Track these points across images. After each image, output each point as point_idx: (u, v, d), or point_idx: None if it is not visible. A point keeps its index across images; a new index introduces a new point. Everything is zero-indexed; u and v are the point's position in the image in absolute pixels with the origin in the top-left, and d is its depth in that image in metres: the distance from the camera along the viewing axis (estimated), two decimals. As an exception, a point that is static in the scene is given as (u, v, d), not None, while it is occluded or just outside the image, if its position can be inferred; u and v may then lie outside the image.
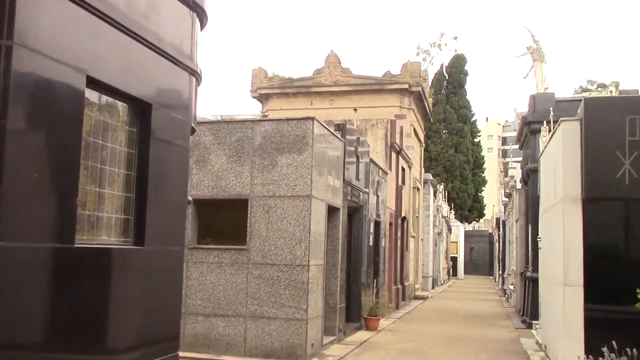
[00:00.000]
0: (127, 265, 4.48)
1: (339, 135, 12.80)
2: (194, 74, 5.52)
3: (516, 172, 27.88)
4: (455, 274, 53.33)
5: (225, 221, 11.46)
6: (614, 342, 8.06)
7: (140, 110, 4.61)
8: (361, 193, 15.10)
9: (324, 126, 11.49)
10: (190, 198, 5.77)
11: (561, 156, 9.68)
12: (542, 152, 13.06)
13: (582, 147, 9.43)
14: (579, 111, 10.05)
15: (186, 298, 11.10)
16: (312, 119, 10.93)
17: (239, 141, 11.16)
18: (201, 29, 5.84)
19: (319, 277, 11.39)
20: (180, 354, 10.72)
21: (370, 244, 16.56)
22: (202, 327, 10.98)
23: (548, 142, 11.86)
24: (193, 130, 5.68)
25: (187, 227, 11.25)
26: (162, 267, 4.94)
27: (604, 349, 7.38)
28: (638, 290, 5.52)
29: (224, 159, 11.19)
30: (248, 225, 10.98)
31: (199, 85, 5.88)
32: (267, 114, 20.85)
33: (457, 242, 54.49)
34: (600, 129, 9.35)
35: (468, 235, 61.07)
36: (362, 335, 14.30)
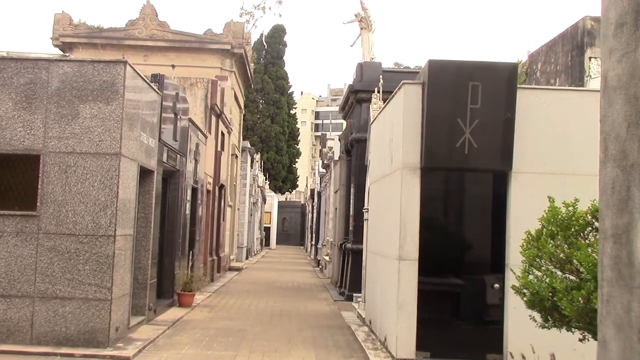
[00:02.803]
0: None
1: (155, 87, 11.14)
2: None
3: (334, 144, 27.83)
4: (267, 244, 53.32)
5: (9, 181, 9.35)
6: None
7: None
8: (178, 156, 13.56)
9: (138, 73, 9.80)
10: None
11: (402, 122, 9.02)
12: (374, 119, 12.50)
13: (424, 113, 8.84)
14: (420, 75, 9.48)
15: (-45, 275, 8.93)
16: (125, 62, 9.19)
17: (30, 84, 9.09)
18: None
19: (127, 250, 9.79)
20: (-55, 345, 8.61)
21: (187, 212, 15.11)
22: (-25, 311, 8.90)
23: (383, 109, 11.27)
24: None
25: (-43, 187, 9.04)
26: None
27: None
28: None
29: (9, 105, 9.06)
30: (39, 186, 9.03)
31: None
32: (68, 55, 18.28)
33: (270, 213, 54.45)
34: (443, 94, 8.81)
35: (281, 205, 61.45)
36: (175, 312, 12.90)
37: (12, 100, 9.07)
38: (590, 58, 11.20)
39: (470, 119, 8.75)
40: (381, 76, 14.96)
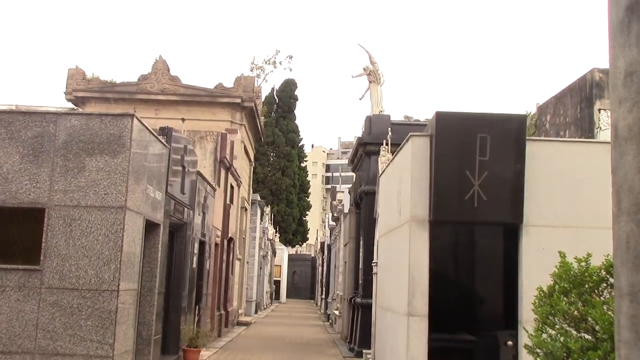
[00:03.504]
0: None
1: (163, 141, 11.15)
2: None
3: (344, 196, 27.73)
4: (277, 297, 52.68)
5: (14, 235, 9.28)
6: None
7: None
8: (186, 209, 13.48)
9: (145, 127, 9.82)
10: None
11: (409, 174, 8.91)
12: (383, 172, 12.40)
13: (432, 165, 8.73)
14: (427, 127, 9.42)
15: (-45, 331, 8.76)
16: (132, 116, 9.22)
17: (37, 137, 9.12)
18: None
19: (131, 305, 9.61)
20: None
21: (194, 266, 14.93)
22: (-26, 368, 8.69)
23: (391, 161, 11.18)
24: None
25: (-39, 241, 8.96)
26: None
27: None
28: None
29: (16, 158, 9.07)
30: (43, 240, 8.94)
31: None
32: (77, 109, 18.47)
33: (280, 266, 54.00)
34: (451, 146, 8.72)
35: (291, 259, 60.96)
36: (179, 370, 12.58)
37: (19, 154, 9.08)
38: (599, 110, 11.13)
39: (479, 171, 8.62)
40: (389, 129, 14.95)
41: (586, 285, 4.12)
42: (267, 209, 40.64)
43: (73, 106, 24.01)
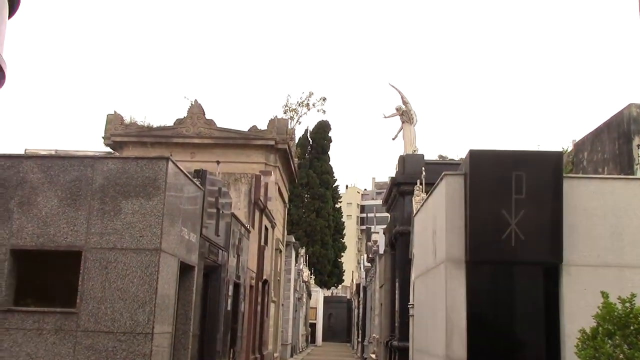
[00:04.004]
0: None
1: (198, 183, 11.25)
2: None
3: (379, 237, 27.50)
4: (313, 340, 52.09)
5: (52, 278, 9.39)
6: None
7: None
8: (220, 251, 13.50)
9: (180, 169, 9.93)
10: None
11: (444, 213, 8.80)
12: (417, 211, 12.28)
13: (467, 204, 8.62)
14: (462, 165, 9.33)
15: (-7, 374, 8.83)
16: (167, 159, 9.34)
17: (75, 181, 9.28)
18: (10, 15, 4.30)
19: (165, 348, 9.57)
20: None
21: (229, 308, 14.86)
22: (10, 413, 8.71)
23: (425, 201, 11.08)
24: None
25: (0, 284, 9.10)
26: None
27: None
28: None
29: (54, 202, 9.23)
30: (80, 283, 9.01)
31: (1, 84, 4.25)
32: (114, 153, 18.86)
33: (316, 308, 53.52)
34: (486, 185, 8.61)
35: (327, 301, 60.45)
36: (213, 414, 12.42)
37: (58, 197, 9.24)
38: (638, 145, 10.91)
39: (515, 210, 8.48)
40: (423, 168, 14.87)
41: (631, 327, 3.95)
42: (302, 251, 40.54)
43: (111, 150, 24.52)
